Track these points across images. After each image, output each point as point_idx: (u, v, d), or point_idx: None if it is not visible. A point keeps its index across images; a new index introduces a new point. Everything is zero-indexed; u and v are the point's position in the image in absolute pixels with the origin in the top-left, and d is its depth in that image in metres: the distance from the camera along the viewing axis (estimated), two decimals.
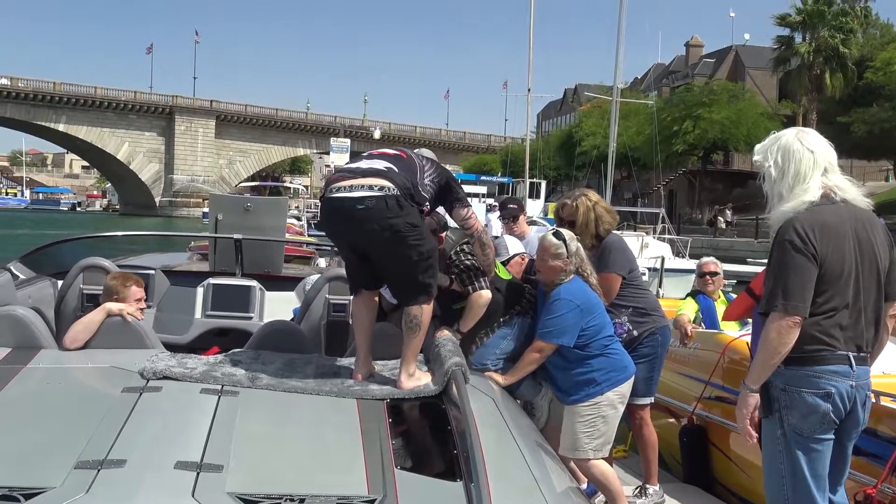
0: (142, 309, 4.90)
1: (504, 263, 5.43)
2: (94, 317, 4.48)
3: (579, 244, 5.06)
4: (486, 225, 5.87)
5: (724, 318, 7.14)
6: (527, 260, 5.54)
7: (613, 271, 5.69)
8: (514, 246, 5.66)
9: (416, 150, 4.62)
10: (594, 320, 4.97)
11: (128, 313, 4.55)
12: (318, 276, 6.71)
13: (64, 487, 2.61)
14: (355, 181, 4.04)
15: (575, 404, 4.99)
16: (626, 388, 5.15)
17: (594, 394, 4.98)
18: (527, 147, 57.71)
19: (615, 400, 5.06)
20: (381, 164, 4.13)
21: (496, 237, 5.86)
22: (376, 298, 4.43)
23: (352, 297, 4.50)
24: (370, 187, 3.99)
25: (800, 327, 3.75)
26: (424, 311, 4.14)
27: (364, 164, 4.19)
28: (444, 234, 4.76)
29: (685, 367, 7.14)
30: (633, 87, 73.07)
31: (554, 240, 5.00)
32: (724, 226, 51.39)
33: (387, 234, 3.97)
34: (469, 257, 4.72)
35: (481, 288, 4.68)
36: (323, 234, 4.71)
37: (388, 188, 3.99)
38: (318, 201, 4.97)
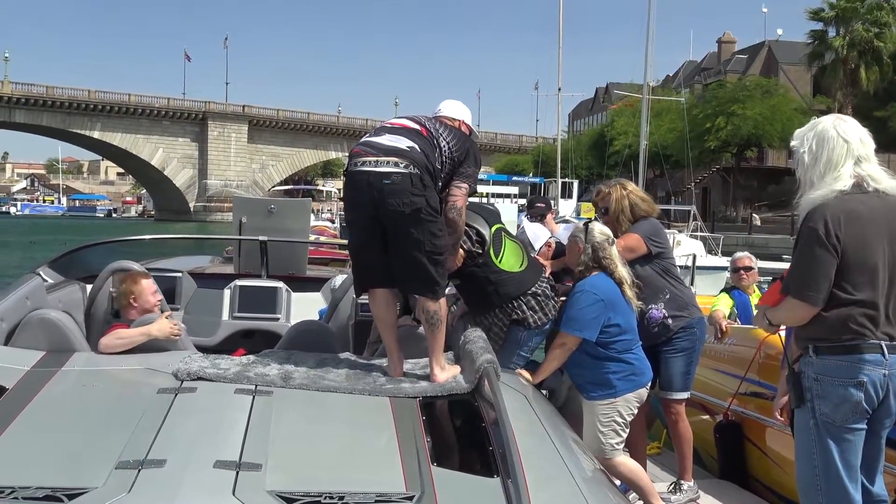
0: (161, 301, 4.91)
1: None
2: (136, 338, 4.45)
3: (608, 245, 5.05)
4: (519, 226, 5.84)
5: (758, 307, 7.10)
6: (554, 245, 5.53)
7: (635, 231, 5.69)
8: (537, 234, 5.63)
9: (439, 108, 4.65)
10: (617, 318, 4.96)
11: (171, 336, 4.53)
12: (345, 276, 6.74)
13: (106, 487, 2.63)
14: (380, 157, 4.07)
15: (592, 401, 5.03)
16: (644, 391, 5.17)
17: (610, 395, 5.01)
18: (558, 147, 57.62)
19: (632, 400, 5.08)
20: (403, 143, 4.14)
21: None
22: (393, 295, 4.41)
23: (368, 299, 4.49)
24: (396, 164, 4.03)
25: (812, 313, 3.81)
26: (441, 305, 4.17)
27: (387, 140, 4.18)
28: None
29: (720, 362, 7.09)
30: (664, 85, 72.65)
31: (580, 224, 5.15)
32: None
33: (408, 210, 4.00)
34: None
35: None
36: None
37: (412, 166, 4.04)
38: None
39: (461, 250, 4.66)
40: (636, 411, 5.15)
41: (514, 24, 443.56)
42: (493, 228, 4.85)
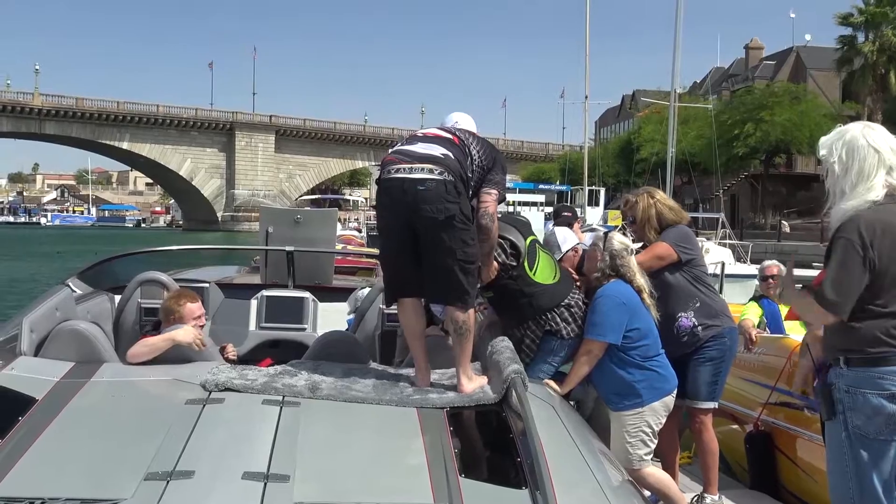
0: (202, 326, 4.95)
1: (559, 261, 5.42)
2: (160, 343, 4.47)
3: (626, 252, 5.02)
4: (549, 231, 5.81)
5: (787, 318, 7.05)
6: (580, 252, 5.49)
7: (663, 239, 5.66)
8: (566, 239, 5.57)
9: (455, 120, 4.64)
10: (637, 322, 4.94)
11: (195, 344, 4.55)
12: (368, 289, 6.74)
13: (135, 499, 2.65)
14: (414, 164, 4.08)
15: (619, 412, 4.99)
16: (670, 399, 5.11)
17: (637, 404, 4.96)
18: (585, 154, 57.44)
19: (659, 409, 5.03)
20: (437, 151, 4.15)
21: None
22: (422, 305, 4.40)
23: (397, 309, 4.48)
24: (430, 170, 4.04)
25: (836, 320, 3.77)
26: (470, 315, 4.16)
27: (420, 147, 4.19)
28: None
29: (750, 372, 7.04)
30: (691, 92, 72.36)
31: (600, 233, 5.13)
32: None
33: (441, 217, 4.00)
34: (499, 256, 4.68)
35: None
36: None
37: (446, 173, 4.05)
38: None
39: (495, 263, 4.64)
40: (663, 421, 5.11)
41: (539, 33, 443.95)
42: (528, 241, 4.82)
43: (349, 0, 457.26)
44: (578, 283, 5.12)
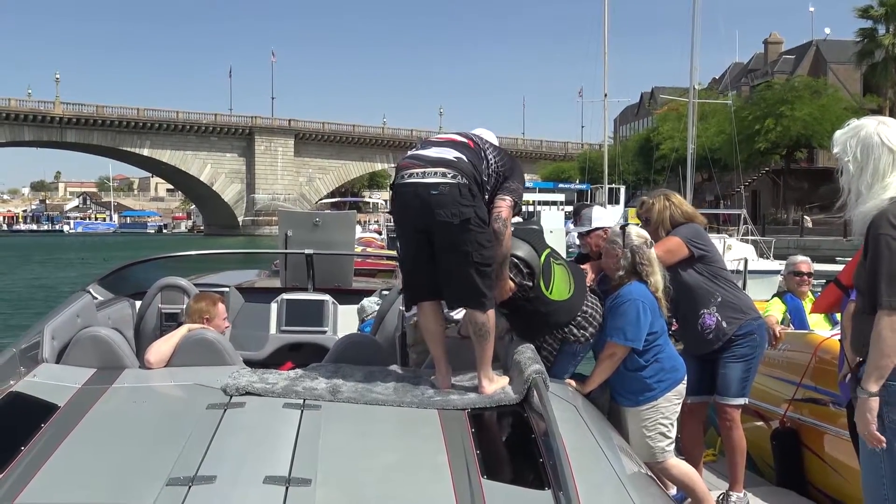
0: (227, 327, 5.00)
1: (585, 235, 5.37)
2: (174, 338, 4.53)
3: (647, 248, 4.97)
4: (567, 234, 5.76)
5: (812, 311, 7.00)
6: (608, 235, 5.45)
7: (675, 234, 5.62)
8: (600, 218, 5.50)
9: (476, 132, 4.63)
10: (655, 326, 4.91)
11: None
12: (376, 297, 6.73)
13: None
14: (427, 169, 4.07)
15: (634, 407, 4.96)
16: (682, 387, 5.08)
17: (651, 398, 4.94)
18: (605, 153, 57.34)
19: (673, 399, 5.01)
20: (451, 154, 4.14)
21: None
22: (441, 308, 4.38)
23: (416, 312, 4.46)
24: (443, 174, 4.03)
25: None
26: (490, 318, 4.14)
27: (434, 152, 4.18)
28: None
29: (775, 368, 6.98)
30: (711, 88, 72.08)
31: (617, 228, 5.07)
32: None
33: (456, 221, 3.98)
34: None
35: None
36: None
37: (460, 176, 4.03)
38: None
39: (511, 283, 4.54)
40: (678, 409, 5.07)
41: (557, 32, 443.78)
42: (542, 257, 4.73)
43: (367, 2, 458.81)
44: (586, 268, 5.06)
